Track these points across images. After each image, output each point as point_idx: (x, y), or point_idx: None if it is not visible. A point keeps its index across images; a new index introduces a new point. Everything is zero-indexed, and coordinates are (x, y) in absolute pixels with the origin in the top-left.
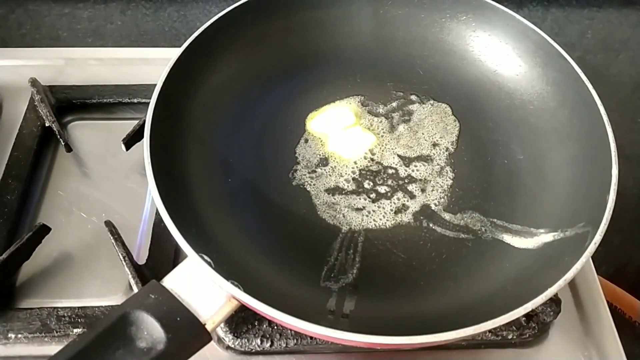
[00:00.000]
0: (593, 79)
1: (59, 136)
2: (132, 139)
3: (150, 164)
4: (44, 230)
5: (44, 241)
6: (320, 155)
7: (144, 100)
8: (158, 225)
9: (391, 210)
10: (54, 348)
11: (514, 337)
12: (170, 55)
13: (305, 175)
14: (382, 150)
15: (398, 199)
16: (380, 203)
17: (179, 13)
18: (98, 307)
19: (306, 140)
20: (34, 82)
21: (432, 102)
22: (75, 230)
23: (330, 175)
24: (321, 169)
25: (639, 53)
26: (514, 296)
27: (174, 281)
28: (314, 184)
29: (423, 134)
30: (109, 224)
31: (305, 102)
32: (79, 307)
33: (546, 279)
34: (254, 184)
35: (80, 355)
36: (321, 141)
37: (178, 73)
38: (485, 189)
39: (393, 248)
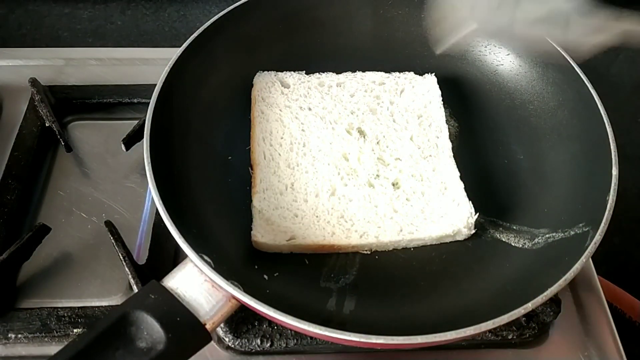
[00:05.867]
0: (593, 79)
1: (59, 136)
2: (132, 139)
3: (150, 164)
4: (44, 230)
5: (44, 241)
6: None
7: (144, 100)
8: (158, 225)
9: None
10: (54, 348)
11: (514, 337)
12: (170, 55)
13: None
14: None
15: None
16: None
17: (179, 13)
18: (98, 307)
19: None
20: (34, 82)
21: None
22: (75, 230)
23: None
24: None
25: (639, 53)
26: (514, 296)
27: (174, 281)
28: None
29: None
30: (109, 224)
31: None
32: (79, 307)
33: (546, 279)
34: None
35: (80, 355)
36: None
37: (178, 73)
38: (485, 189)
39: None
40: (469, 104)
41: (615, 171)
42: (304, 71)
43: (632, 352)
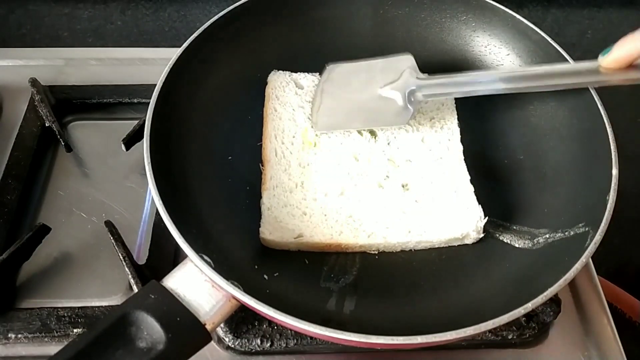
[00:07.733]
0: None
1: (59, 136)
2: (132, 139)
3: (150, 164)
4: (44, 230)
5: (44, 241)
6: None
7: (144, 100)
8: (158, 225)
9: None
10: (54, 348)
11: (514, 337)
12: (170, 55)
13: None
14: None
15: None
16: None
17: (179, 13)
18: (98, 307)
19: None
20: (34, 82)
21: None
22: (75, 230)
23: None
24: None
25: None
26: (514, 296)
27: (174, 281)
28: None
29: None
30: (109, 224)
31: None
32: (79, 307)
33: (546, 279)
34: (253, 184)
35: (80, 355)
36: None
37: (178, 73)
38: (485, 189)
39: None
40: (469, 104)
41: (615, 171)
42: (303, 71)
43: (632, 352)
